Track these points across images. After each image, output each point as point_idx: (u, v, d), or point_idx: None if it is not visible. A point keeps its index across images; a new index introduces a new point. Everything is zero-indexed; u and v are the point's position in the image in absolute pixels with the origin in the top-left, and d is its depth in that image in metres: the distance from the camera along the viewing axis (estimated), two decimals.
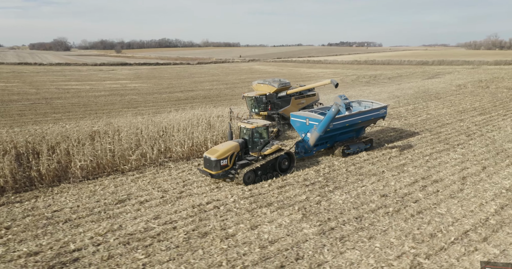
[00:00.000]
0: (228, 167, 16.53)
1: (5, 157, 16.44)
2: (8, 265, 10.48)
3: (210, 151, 16.76)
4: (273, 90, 27.12)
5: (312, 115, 20.50)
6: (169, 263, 10.62)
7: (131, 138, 19.99)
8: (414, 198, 14.77)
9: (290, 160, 18.25)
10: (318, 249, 11.23)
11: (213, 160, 16.13)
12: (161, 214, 13.69)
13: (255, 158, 17.17)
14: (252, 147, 17.47)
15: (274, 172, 17.61)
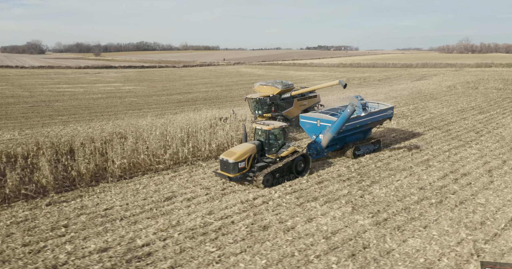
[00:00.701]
0: (246, 169, 16.18)
1: (44, 158, 16.23)
2: (84, 261, 10.50)
3: (227, 153, 16.35)
4: (277, 92, 27.13)
5: (324, 116, 20.33)
6: (242, 254, 10.87)
7: (161, 138, 20.02)
8: (451, 190, 15.50)
9: (306, 161, 17.95)
10: (380, 238, 11.71)
11: (231, 162, 15.74)
12: (214, 210, 13.89)
13: (272, 160, 16.87)
14: (268, 148, 17.12)
15: (291, 174, 17.25)
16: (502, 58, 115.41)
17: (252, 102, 27.26)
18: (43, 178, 15.16)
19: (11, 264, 10.31)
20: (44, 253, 10.92)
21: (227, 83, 66.32)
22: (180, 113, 33.84)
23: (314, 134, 20.20)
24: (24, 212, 13.65)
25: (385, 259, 10.54)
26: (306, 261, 10.47)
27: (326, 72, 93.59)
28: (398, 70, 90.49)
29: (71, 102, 41.48)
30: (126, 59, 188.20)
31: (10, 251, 11.00)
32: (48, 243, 11.48)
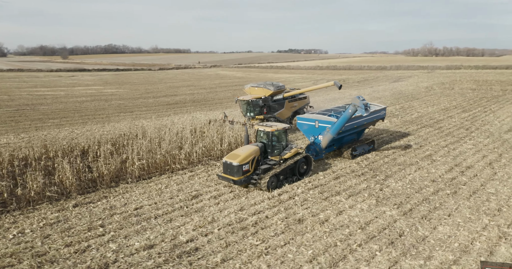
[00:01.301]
0: (250, 172, 15.74)
1: (65, 160, 15.98)
2: (134, 258, 10.55)
3: (230, 156, 15.86)
4: (269, 93, 27.01)
5: (322, 117, 20.24)
6: (287, 246, 11.25)
7: (176, 138, 20.07)
8: (461, 181, 16.50)
9: (308, 163, 17.77)
10: (411, 227, 12.41)
11: (235, 165, 15.28)
12: (244, 206, 14.18)
13: (276, 162, 16.50)
14: (271, 150, 16.78)
15: (294, 176, 17.08)
16: (468, 61, 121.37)
17: (244, 104, 27.00)
18: (66, 179, 14.90)
19: (60, 264, 10.22)
20: (90, 252, 10.88)
21: (210, 86, 66.30)
22: (174, 115, 33.76)
23: (312, 135, 20.08)
24: (52, 214, 13.44)
25: (423, 245, 11.22)
26: (350, 250, 10.98)
27: (304, 74, 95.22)
28: (374, 73, 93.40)
29: (56, 106, 40.36)
30: (97, 62, 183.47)
31: (54, 251, 10.88)
32: (90, 242, 11.42)
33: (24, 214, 13.44)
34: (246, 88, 29.04)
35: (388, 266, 10.11)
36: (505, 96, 43.51)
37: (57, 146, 19.02)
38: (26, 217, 13.23)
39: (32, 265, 10.13)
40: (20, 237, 11.78)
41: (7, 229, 12.28)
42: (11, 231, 12.14)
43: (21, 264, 10.18)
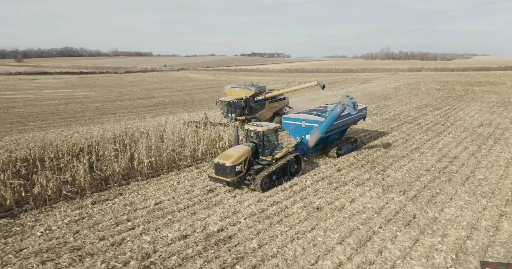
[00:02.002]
0: (242, 172, 15.42)
1: (76, 160, 15.82)
2: (173, 247, 10.86)
3: (222, 157, 15.43)
4: (250, 94, 27.03)
5: (309, 117, 20.26)
6: (315, 231, 11.95)
7: (178, 136, 20.27)
8: (452, 170, 17.95)
9: (298, 162, 17.69)
10: (421, 210, 13.50)
11: (228, 166, 14.89)
12: (261, 198, 14.74)
13: (268, 162, 16.25)
14: (262, 150, 16.56)
15: (285, 176, 16.91)
16: (427, 64, 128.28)
17: (225, 106, 26.74)
18: (81, 178, 14.79)
19: (100, 257, 10.33)
20: (126, 245, 11.05)
21: (184, 88, 66.02)
22: (159, 116, 33.59)
23: (299, 135, 19.97)
24: (73, 211, 13.36)
25: (436, 225, 12.29)
26: (373, 232, 11.85)
27: (274, 77, 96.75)
28: (342, 75, 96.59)
29: (30, 109, 38.88)
30: (56, 65, 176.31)
31: (90, 245, 10.94)
32: (123, 235, 11.56)
33: (44, 213, 13.26)
34: (227, 89, 28.79)
35: (411, 244, 11.05)
36: (468, 95, 46.76)
37: (64, 146, 18.68)
38: (46, 215, 13.07)
39: (73, 259, 10.18)
40: (48, 233, 11.70)
41: (31, 227, 12.12)
42: (37, 228, 12.01)
43: (60, 258, 10.20)
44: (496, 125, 28.22)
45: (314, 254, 10.56)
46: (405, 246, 10.92)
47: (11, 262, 10.02)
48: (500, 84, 57.54)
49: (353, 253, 10.56)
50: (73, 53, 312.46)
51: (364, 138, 25.27)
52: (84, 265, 9.90)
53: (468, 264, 9.90)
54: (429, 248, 10.83)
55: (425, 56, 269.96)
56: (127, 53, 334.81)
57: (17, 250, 10.65)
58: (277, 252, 10.65)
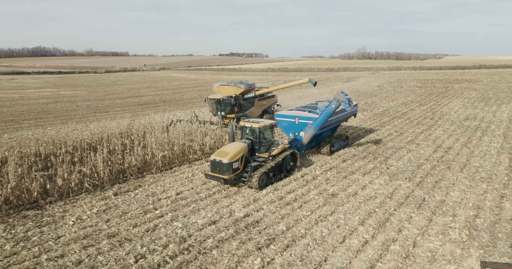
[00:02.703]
0: (239, 170, 15.26)
1: (97, 153, 16.03)
2: (206, 232, 11.38)
3: (218, 153, 15.17)
4: (240, 92, 26.87)
5: (303, 114, 20.23)
6: (335, 214, 12.71)
7: (187, 131, 20.67)
8: (449, 159, 19.10)
9: (294, 159, 17.54)
10: (428, 194, 14.46)
11: (225, 163, 14.67)
12: (276, 187, 15.40)
13: (265, 159, 16.08)
14: (258, 147, 16.32)
15: (281, 173, 16.69)
16: (405, 63, 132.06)
17: (214, 103, 26.36)
18: (101, 171, 15.05)
19: (138, 242, 10.75)
20: (160, 230, 11.49)
21: (170, 87, 65.90)
22: (154, 114, 33.73)
23: (292, 132, 19.90)
24: (98, 202, 13.65)
25: (445, 207, 13.26)
26: (389, 214, 12.70)
27: (258, 76, 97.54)
28: (324, 74, 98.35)
29: (19, 108, 38.25)
30: (29, 65, 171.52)
31: (126, 232, 11.33)
32: (155, 222, 11.99)
33: (69, 204, 13.50)
34: (215, 87, 28.54)
35: (426, 223, 11.95)
36: (449, 92, 48.81)
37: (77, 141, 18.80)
38: (73, 206, 13.31)
39: (113, 244, 10.56)
40: (80, 222, 11.99)
41: (61, 217, 12.36)
42: (68, 218, 12.26)
43: (100, 244, 10.56)
44: (480, 119, 29.84)
45: (339, 234, 11.30)
46: (421, 225, 11.81)
47: (52, 248, 10.31)
48: (477, 82, 60.21)
49: (376, 232, 11.35)
50: (46, 53, 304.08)
51: (360, 132, 26.29)
52: (125, 249, 10.30)
53: (481, 239, 10.84)
54: (443, 226, 11.75)
55: (400, 56, 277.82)
56: (103, 53, 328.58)
57: (54, 237, 10.93)
58: (305, 233, 11.34)
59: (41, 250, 10.15)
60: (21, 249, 10.24)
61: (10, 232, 11.26)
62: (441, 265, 9.54)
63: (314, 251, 10.37)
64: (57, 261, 9.65)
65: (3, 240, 10.75)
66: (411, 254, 10.15)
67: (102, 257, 9.87)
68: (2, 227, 11.51)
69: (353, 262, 9.79)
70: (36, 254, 9.97)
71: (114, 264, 9.56)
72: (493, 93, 45.27)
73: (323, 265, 9.69)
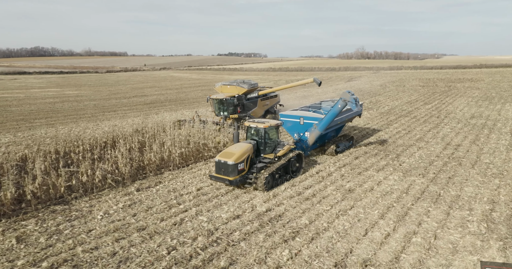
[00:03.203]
0: (245, 171, 14.92)
1: (115, 151, 16.34)
2: (231, 225, 11.70)
3: (223, 154, 14.82)
4: (243, 92, 26.48)
5: (308, 114, 19.98)
6: (354, 209, 13.05)
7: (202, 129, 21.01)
8: (459, 156, 19.46)
9: (299, 161, 17.22)
10: (443, 189, 14.81)
11: (230, 164, 14.33)
12: (294, 183, 15.73)
13: (271, 160, 15.73)
14: (264, 148, 16.00)
15: (287, 174, 16.37)
16: (406, 63, 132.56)
17: (216, 103, 25.94)
18: (123, 167, 15.37)
19: (167, 235, 11.07)
20: (186, 224, 11.82)
21: (174, 87, 66.19)
22: (161, 113, 34.05)
23: (297, 132, 19.65)
24: (122, 198, 13.98)
25: (461, 201, 13.61)
26: (407, 208, 13.04)
27: (260, 76, 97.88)
28: (325, 73, 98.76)
29: (27, 107, 38.51)
30: (29, 65, 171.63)
31: (154, 225, 11.65)
32: (181, 216, 12.32)
33: (94, 199, 13.82)
34: (217, 87, 28.13)
35: (444, 217, 12.30)
36: (452, 91, 49.23)
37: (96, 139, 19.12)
38: (98, 201, 13.64)
39: (143, 237, 10.88)
40: (108, 217, 12.31)
41: (89, 212, 12.68)
42: (95, 212, 12.58)
43: (131, 237, 10.88)
44: (486, 117, 30.24)
45: (361, 227, 11.64)
46: (440, 219, 12.16)
47: (86, 241, 10.62)
48: (479, 81, 60.67)
49: (396, 226, 11.70)
50: (44, 53, 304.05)
51: (369, 130, 26.65)
52: (156, 241, 10.62)
53: (499, 231, 11.18)
54: (461, 219, 12.10)
55: (398, 56, 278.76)
56: (101, 53, 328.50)
57: (86, 231, 11.25)
58: (328, 227, 11.68)
59: (75, 243, 10.47)
60: (55, 242, 10.56)
61: (42, 225, 11.58)
62: (463, 256, 9.88)
63: (338, 243, 10.71)
64: (92, 253, 9.97)
65: (37, 233, 11.07)
66: (433, 245, 10.49)
67: (135, 249, 10.19)
68: (34, 221, 11.84)
69: (378, 253, 10.13)
70: (71, 246, 10.29)
71: (148, 255, 9.88)
72: (496, 92, 45.70)
73: (349, 256, 10.02)
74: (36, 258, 9.64)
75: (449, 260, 9.76)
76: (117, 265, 9.40)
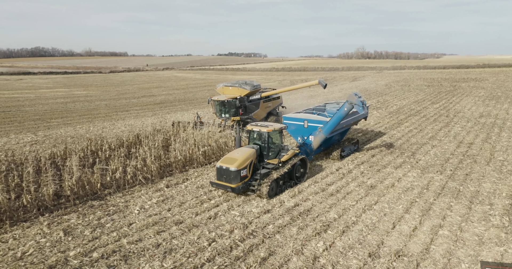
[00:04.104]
0: (247, 177, 14.22)
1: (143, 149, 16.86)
2: (264, 219, 12.20)
3: (225, 160, 14.15)
4: (245, 93, 25.75)
5: (311, 116, 19.40)
6: (379, 203, 13.56)
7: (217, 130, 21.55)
8: (473, 153, 19.97)
9: (304, 166, 16.55)
10: (461, 185, 15.32)
11: (232, 171, 13.65)
12: (316, 179, 16.25)
13: (275, 166, 15.05)
14: (267, 153, 15.31)
15: (291, 180, 15.70)
16: (408, 63, 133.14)
17: (217, 105, 25.28)
18: (152, 164, 15.89)
19: (205, 228, 11.58)
20: (220, 218, 12.34)
21: (180, 87, 66.67)
22: (172, 112, 34.57)
23: (301, 136, 19.04)
24: (154, 193, 14.50)
25: (481, 196, 14.12)
26: (430, 203, 13.56)
27: (263, 76, 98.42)
28: (329, 73, 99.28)
29: (41, 107, 39.04)
30: (31, 65, 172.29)
31: (190, 219, 12.17)
32: (214, 211, 12.85)
33: (127, 195, 14.35)
34: (219, 88, 27.38)
35: (467, 211, 12.82)
36: (458, 91, 49.74)
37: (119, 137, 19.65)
38: (132, 197, 14.17)
39: (182, 230, 11.40)
40: (144, 211, 12.83)
41: (125, 207, 13.20)
42: (132, 207, 13.11)
43: (170, 230, 11.39)
44: (495, 116, 30.76)
45: (388, 221, 12.15)
46: (462, 213, 12.67)
47: (129, 234, 11.14)
48: (483, 81, 61.19)
49: (422, 219, 12.21)
50: (45, 53, 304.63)
51: (381, 128, 27.16)
52: (195, 234, 11.13)
53: None
54: (483, 213, 12.62)
55: (398, 56, 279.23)
56: (102, 53, 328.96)
57: (127, 224, 11.77)
58: (357, 221, 12.19)
59: (119, 235, 10.98)
60: (100, 234, 11.07)
61: (84, 219, 12.09)
62: (490, 247, 10.39)
63: (369, 235, 11.22)
64: (137, 244, 10.48)
65: (81, 226, 11.59)
66: (459, 238, 11.00)
67: (177, 241, 10.70)
68: (75, 216, 12.35)
69: (408, 245, 10.64)
70: (116, 238, 10.80)
71: (190, 246, 10.39)
72: (501, 92, 46.21)
73: (381, 247, 10.53)
74: (86, 249, 10.15)
75: (476, 251, 10.27)
76: (163, 256, 9.91)
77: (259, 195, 14.12)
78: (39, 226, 11.50)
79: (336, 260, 9.84)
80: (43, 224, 11.62)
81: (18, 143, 21.92)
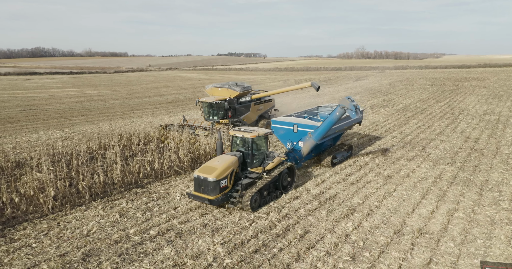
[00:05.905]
0: (228, 188, 12.95)
1: (176, 144, 18.11)
2: (294, 204, 13.45)
3: (203, 169, 12.86)
4: (235, 95, 24.60)
5: (302, 121, 18.35)
6: (397, 191, 14.81)
7: None
8: (480, 147, 21.24)
9: (291, 174, 15.37)
10: (472, 176, 16.58)
11: (211, 181, 12.39)
12: (336, 170, 17.50)
13: (258, 175, 13.84)
14: (251, 161, 14.12)
15: (277, 190, 14.51)
16: (409, 63, 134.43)
17: (206, 107, 24.21)
18: (184, 157, 17.15)
19: (243, 212, 12.81)
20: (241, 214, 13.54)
21: (187, 87, 67.92)
22: (187, 110, 35.77)
23: (290, 141, 17.89)
24: (189, 183, 15.77)
25: (490, 185, 15.39)
26: (444, 190, 14.83)
27: (267, 75, 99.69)
28: (332, 73, 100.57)
29: (58, 106, 40.34)
30: (34, 65, 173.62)
31: (227, 204, 13.39)
32: None
33: (166, 184, 15.65)
34: (208, 89, 26.20)
35: (478, 197, 14.08)
36: (460, 90, 51.03)
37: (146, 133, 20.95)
38: (170, 185, 15.46)
39: (223, 212, 12.65)
40: (185, 197, 14.07)
41: (167, 194, 14.48)
42: (172, 194, 14.40)
43: (212, 212, 12.64)
44: (498, 113, 32.04)
45: (407, 206, 13.41)
46: (474, 199, 13.94)
47: (176, 216, 12.40)
48: (485, 80, 62.50)
49: (438, 204, 13.47)
50: (45, 54, 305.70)
51: (390, 125, 28.41)
52: (235, 216, 12.38)
53: None
54: (493, 199, 13.89)
55: (398, 56, 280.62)
56: (102, 54, 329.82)
57: (173, 208, 13.05)
58: (379, 205, 13.45)
59: (168, 217, 12.24)
60: (151, 216, 12.33)
61: (133, 204, 13.35)
62: (502, 226, 11.64)
63: (392, 217, 12.48)
64: (186, 224, 11.74)
65: (132, 210, 12.85)
66: (473, 219, 12.26)
67: (220, 222, 11.96)
68: (124, 201, 13.62)
69: (428, 225, 11.90)
70: (166, 219, 12.06)
71: (234, 226, 11.63)
72: (503, 91, 47.50)
73: (404, 227, 11.79)
74: (142, 228, 11.41)
75: (489, 229, 11.53)
76: (212, 233, 11.16)
77: (241, 208, 12.95)
78: (95, 209, 12.78)
79: (366, 237, 11.10)
80: (98, 208, 12.90)
81: (49, 138, 23.19)
